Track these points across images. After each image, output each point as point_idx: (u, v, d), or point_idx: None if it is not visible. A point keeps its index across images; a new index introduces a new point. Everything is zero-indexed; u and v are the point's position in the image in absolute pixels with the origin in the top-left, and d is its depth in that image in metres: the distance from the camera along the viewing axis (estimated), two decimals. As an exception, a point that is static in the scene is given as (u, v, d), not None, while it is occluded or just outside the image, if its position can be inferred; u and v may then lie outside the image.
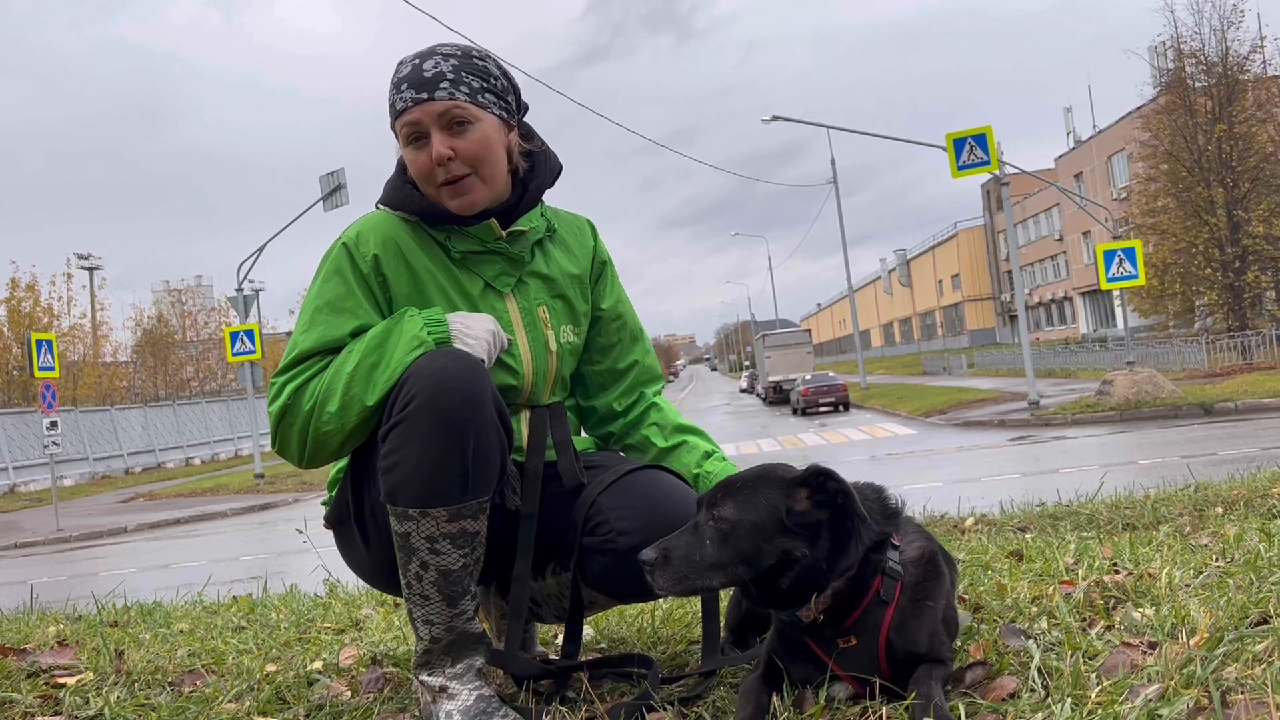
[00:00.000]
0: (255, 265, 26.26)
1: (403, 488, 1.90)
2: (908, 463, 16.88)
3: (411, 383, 1.90)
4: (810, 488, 1.82)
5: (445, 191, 2.09)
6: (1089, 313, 56.82)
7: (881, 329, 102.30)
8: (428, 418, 1.87)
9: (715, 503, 1.85)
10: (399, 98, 2.08)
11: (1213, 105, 32.71)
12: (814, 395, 36.92)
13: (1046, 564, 3.08)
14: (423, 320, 2.01)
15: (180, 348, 53.66)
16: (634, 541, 2.01)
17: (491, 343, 2.04)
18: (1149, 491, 5.45)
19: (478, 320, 2.06)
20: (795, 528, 1.81)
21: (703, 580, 1.82)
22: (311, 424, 1.99)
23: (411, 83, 2.06)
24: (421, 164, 2.08)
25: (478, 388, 1.91)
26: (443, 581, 1.96)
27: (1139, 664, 1.84)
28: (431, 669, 2.04)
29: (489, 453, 1.92)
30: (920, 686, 1.76)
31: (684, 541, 1.84)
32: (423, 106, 2.06)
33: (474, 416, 1.89)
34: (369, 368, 1.97)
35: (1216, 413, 18.63)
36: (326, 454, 2.03)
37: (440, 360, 1.92)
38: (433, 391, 1.87)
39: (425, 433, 1.87)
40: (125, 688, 2.51)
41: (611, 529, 2.05)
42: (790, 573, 1.81)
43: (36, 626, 3.95)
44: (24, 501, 27.46)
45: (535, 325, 2.21)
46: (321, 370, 2.02)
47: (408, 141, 2.09)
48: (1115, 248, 21.44)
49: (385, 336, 1.99)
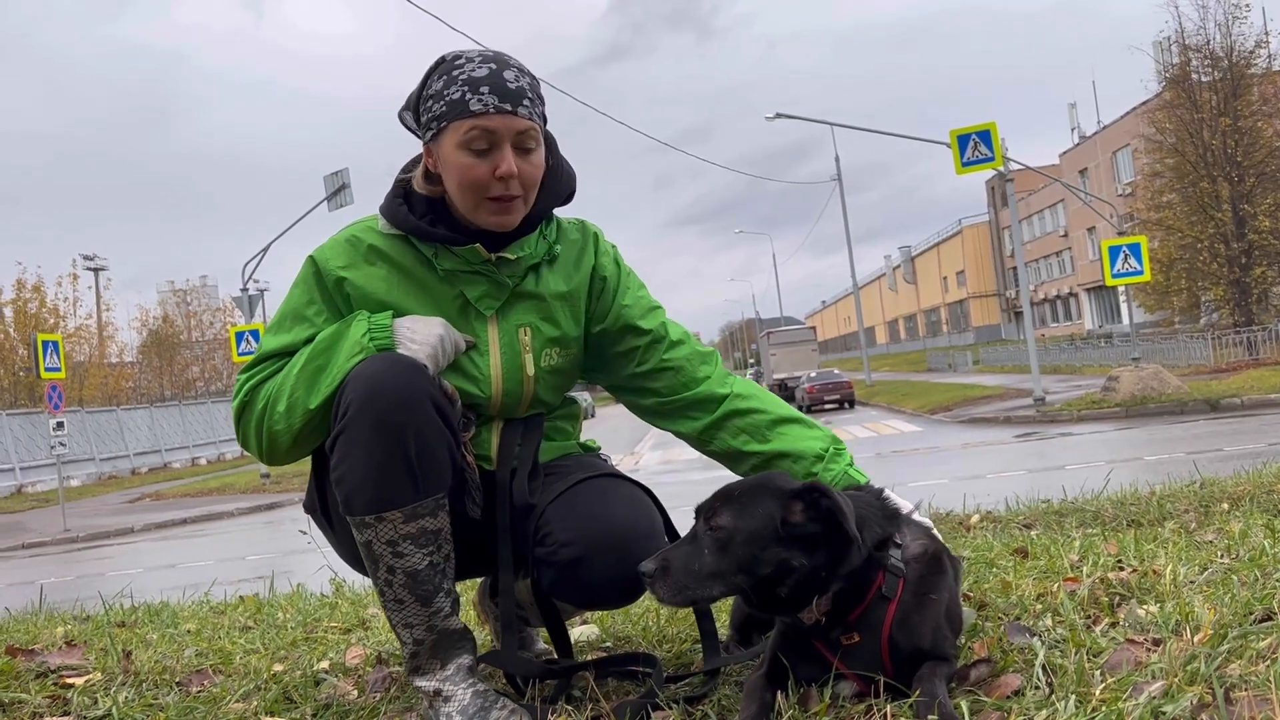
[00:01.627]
0: (260, 265, 26.31)
1: (355, 496, 1.92)
2: (913, 460, 16.88)
3: (348, 391, 1.92)
4: (804, 503, 1.83)
5: (491, 206, 2.04)
6: (1094, 309, 56.72)
7: (886, 326, 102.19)
8: (366, 424, 1.89)
9: (713, 512, 1.85)
10: (476, 98, 1.98)
11: (1218, 100, 32.65)
12: (819, 393, 36.92)
13: (1051, 561, 3.08)
14: (367, 325, 2.01)
15: (186, 348, 53.87)
16: (575, 553, 2.03)
17: (439, 346, 2.03)
18: (1154, 488, 5.44)
19: (425, 324, 2.05)
20: (790, 539, 1.81)
21: (703, 590, 1.82)
22: (265, 422, 2.03)
23: (494, 88, 1.98)
24: (480, 174, 2.00)
25: (413, 387, 1.91)
26: (412, 583, 1.97)
27: (1143, 661, 1.84)
28: (423, 673, 2.05)
29: (433, 450, 1.93)
30: (924, 684, 1.77)
31: (683, 551, 1.85)
32: (505, 118, 1.98)
33: (409, 419, 1.90)
34: (314, 371, 1.99)
35: (1222, 409, 18.59)
36: (281, 452, 2.05)
37: (375, 365, 1.94)
38: (367, 397, 1.89)
39: (365, 439, 1.89)
40: (133, 688, 2.52)
41: (555, 540, 2.06)
42: (788, 581, 1.82)
43: (45, 627, 3.96)
44: (31, 502, 27.54)
45: (514, 349, 2.15)
46: (277, 371, 2.06)
47: (469, 145, 1.99)
48: (1120, 243, 21.43)
49: (332, 341, 2.01)
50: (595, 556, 2.01)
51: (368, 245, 2.13)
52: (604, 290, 2.28)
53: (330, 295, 2.11)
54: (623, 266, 2.32)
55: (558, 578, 2.07)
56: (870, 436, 23.18)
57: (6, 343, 38.02)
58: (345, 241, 2.15)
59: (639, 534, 2.01)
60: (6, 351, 37.98)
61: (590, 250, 2.28)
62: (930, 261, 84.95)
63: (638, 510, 2.11)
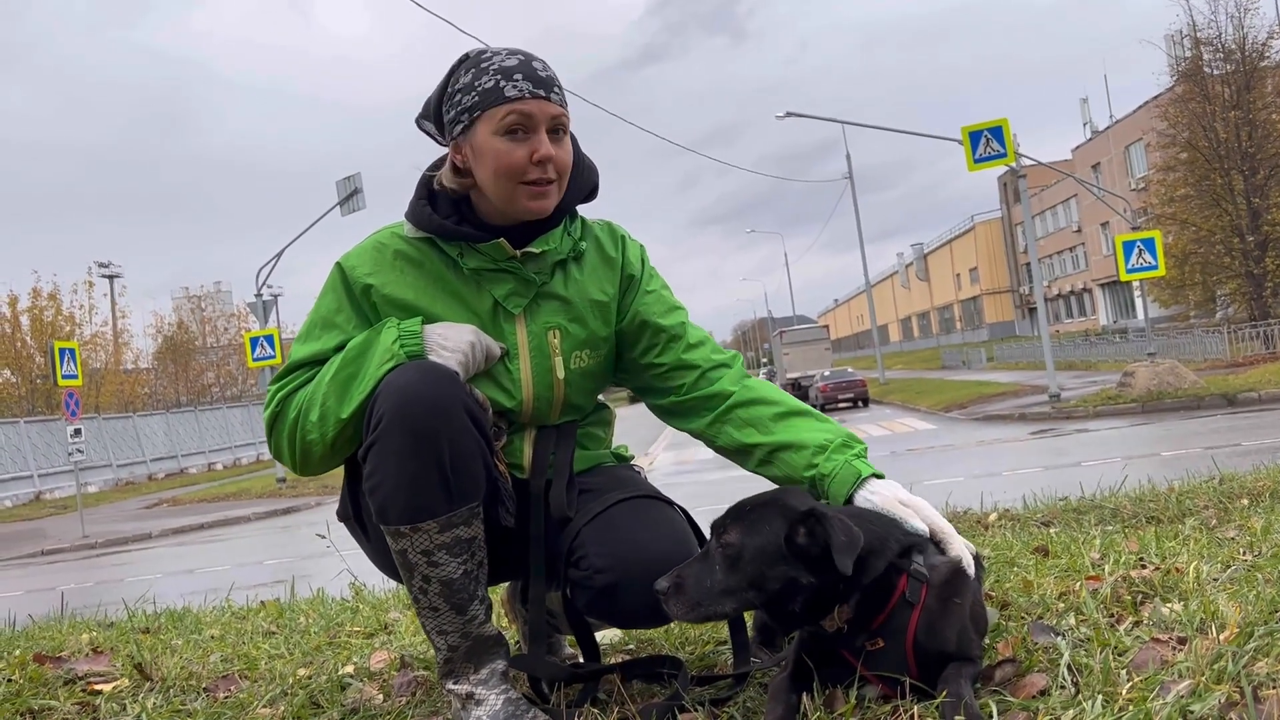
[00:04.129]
0: (273, 271, 26.40)
1: (389, 506, 1.92)
2: (928, 458, 16.84)
3: (381, 400, 1.92)
4: (805, 527, 1.83)
5: (528, 190, 2.05)
6: (1109, 304, 56.48)
7: (899, 324, 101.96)
8: (398, 434, 1.89)
9: (724, 528, 1.87)
10: (511, 85, 2.00)
11: (1230, 93, 32.50)
12: (833, 392, 36.88)
13: (1072, 559, 3.07)
14: (397, 332, 2.01)
15: (200, 354, 54.08)
16: (610, 580, 2.03)
17: (470, 353, 2.03)
18: (1173, 484, 5.41)
19: (456, 331, 2.06)
20: (795, 558, 1.82)
21: (716, 606, 1.83)
22: (297, 433, 2.03)
23: (526, 75, 2.02)
24: (518, 158, 2.02)
25: (446, 396, 1.91)
26: (447, 591, 1.98)
27: (1169, 660, 1.84)
28: (456, 677, 2.06)
29: (467, 459, 1.93)
30: (950, 685, 1.77)
31: (696, 569, 1.86)
32: (540, 103, 2.02)
33: (443, 428, 1.90)
34: (345, 380, 1.99)
35: (1239, 403, 18.50)
36: (314, 462, 2.05)
37: (407, 375, 1.94)
38: (399, 407, 1.89)
39: (398, 449, 1.89)
40: (160, 694, 2.54)
41: (590, 565, 2.06)
42: (799, 597, 1.83)
43: (69, 634, 3.99)
44: (49, 508, 27.72)
45: (543, 352, 2.16)
46: (308, 380, 2.06)
47: (507, 130, 2.01)
48: (1134, 238, 21.32)
49: (363, 349, 2.01)
50: (630, 584, 2.00)
51: (393, 251, 2.14)
52: (630, 287, 2.28)
53: (358, 302, 2.11)
54: (647, 265, 2.32)
55: (591, 601, 2.08)
56: (885, 435, 23.13)
57: (23, 351, 38.27)
58: (371, 248, 2.15)
59: (673, 562, 1.98)
60: (24, 359, 38.25)
61: (619, 252, 2.29)
62: (943, 258, 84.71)
63: (672, 536, 2.09)
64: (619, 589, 2.03)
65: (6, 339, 38.40)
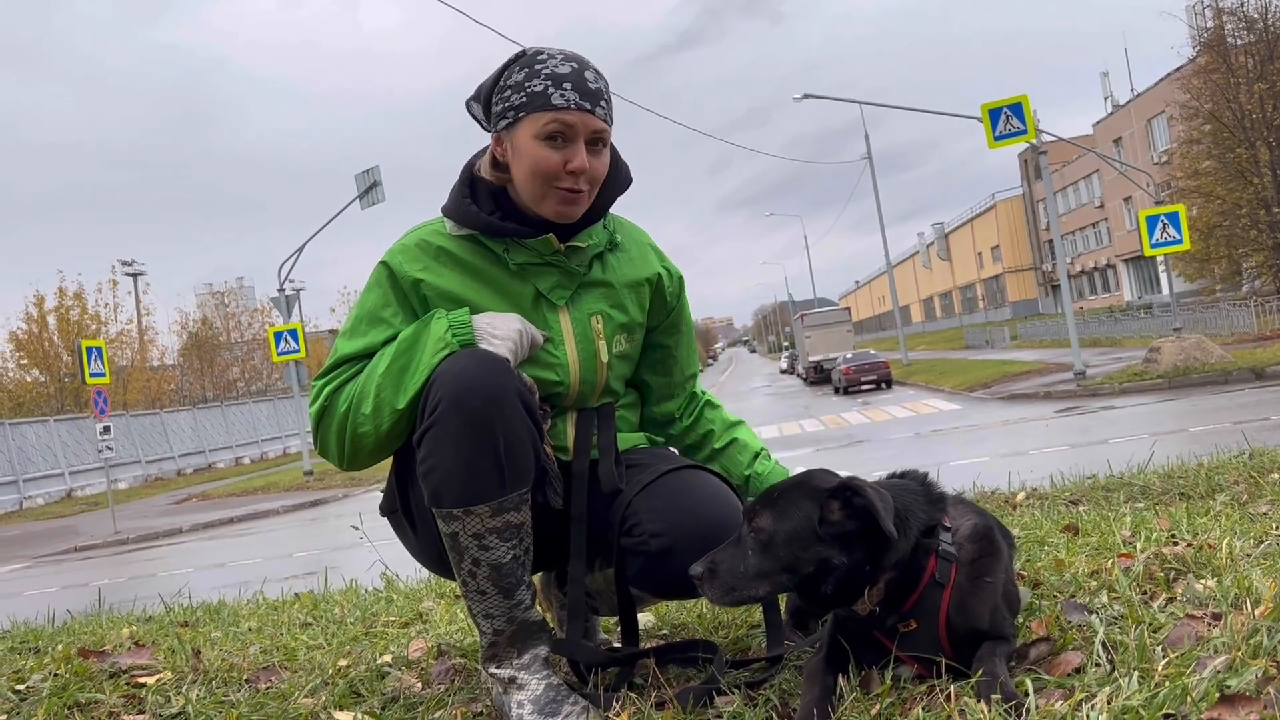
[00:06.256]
0: (295, 265, 26.52)
1: (444, 490, 1.97)
2: (953, 438, 16.77)
3: (437, 387, 1.97)
4: (840, 501, 1.85)
5: (558, 195, 2.09)
6: (1133, 279, 55.99)
7: (921, 304, 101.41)
8: (455, 420, 1.94)
9: (754, 513, 1.89)
10: (559, 93, 2.05)
11: (1254, 63, 32.06)
12: (855, 374, 36.72)
13: (1103, 537, 3.08)
14: (448, 323, 2.06)
15: (225, 349, 54.44)
16: (665, 544, 2.08)
17: (518, 341, 2.08)
18: (1202, 460, 5.39)
19: (504, 320, 2.10)
20: (829, 537, 1.84)
21: (750, 590, 1.86)
22: (348, 426, 2.07)
23: (576, 85, 2.06)
24: (554, 164, 2.06)
25: (499, 384, 1.97)
26: (496, 575, 2.03)
27: (1204, 636, 1.84)
28: (499, 661, 2.10)
29: (520, 446, 1.99)
30: (985, 664, 1.78)
31: (729, 554, 1.89)
32: (584, 115, 2.06)
33: (498, 415, 1.95)
34: (398, 371, 2.04)
35: (1268, 376, 18.29)
36: (364, 455, 2.10)
37: (462, 362, 1.99)
38: (456, 394, 1.94)
39: (455, 435, 1.94)
40: (203, 685, 2.59)
41: (644, 531, 2.11)
42: (831, 578, 1.84)
43: (110, 628, 4.05)
44: (81, 505, 28.05)
45: (587, 337, 2.22)
46: (357, 374, 2.10)
47: (548, 136, 2.06)
48: (1158, 213, 21.11)
49: (414, 340, 2.06)
50: (684, 548, 2.04)
51: (437, 248, 2.17)
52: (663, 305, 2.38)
53: (406, 297, 2.15)
54: (684, 301, 2.44)
55: (645, 567, 2.12)
56: (909, 416, 23.05)
57: (51, 350, 38.66)
58: (415, 245, 2.19)
59: (726, 528, 2.04)
60: (51, 359, 38.62)
61: (653, 256, 2.37)
62: (964, 237, 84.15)
63: (723, 503, 2.14)
64: (674, 553, 2.06)
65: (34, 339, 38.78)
